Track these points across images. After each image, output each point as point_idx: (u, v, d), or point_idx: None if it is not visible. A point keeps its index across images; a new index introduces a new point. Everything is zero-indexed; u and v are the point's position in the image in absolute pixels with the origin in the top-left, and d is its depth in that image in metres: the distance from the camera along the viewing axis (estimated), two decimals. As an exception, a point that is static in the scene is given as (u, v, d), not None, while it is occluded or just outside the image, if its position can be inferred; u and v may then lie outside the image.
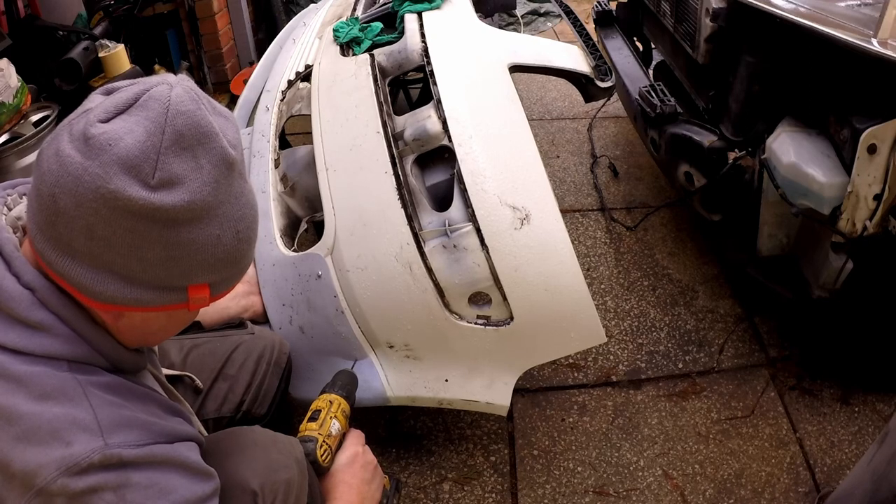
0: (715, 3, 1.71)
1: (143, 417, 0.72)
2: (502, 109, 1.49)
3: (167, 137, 0.62)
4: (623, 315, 2.03)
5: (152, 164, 0.62)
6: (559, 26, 4.24)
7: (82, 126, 0.63)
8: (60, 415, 0.66)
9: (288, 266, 1.41)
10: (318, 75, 1.74)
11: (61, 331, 0.69)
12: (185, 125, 0.63)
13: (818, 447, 1.63)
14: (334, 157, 1.46)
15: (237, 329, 1.27)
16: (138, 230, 0.63)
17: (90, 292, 0.67)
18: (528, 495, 1.54)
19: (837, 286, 1.54)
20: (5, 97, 2.19)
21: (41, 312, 0.68)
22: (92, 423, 0.67)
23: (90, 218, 0.62)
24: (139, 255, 0.64)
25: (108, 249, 0.64)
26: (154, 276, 0.67)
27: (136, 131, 0.62)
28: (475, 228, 1.30)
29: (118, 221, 0.62)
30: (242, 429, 0.98)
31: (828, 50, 1.40)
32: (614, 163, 2.77)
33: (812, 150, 1.50)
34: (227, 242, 0.69)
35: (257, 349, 1.22)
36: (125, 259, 0.65)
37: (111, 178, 0.61)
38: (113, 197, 0.61)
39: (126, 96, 0.64)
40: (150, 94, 0.64)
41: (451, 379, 1.37)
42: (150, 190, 0.62)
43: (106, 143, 0.61)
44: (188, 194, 0.64)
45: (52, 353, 0.69)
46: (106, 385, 0.71)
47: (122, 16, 3.08)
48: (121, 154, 0.61)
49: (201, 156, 0.65)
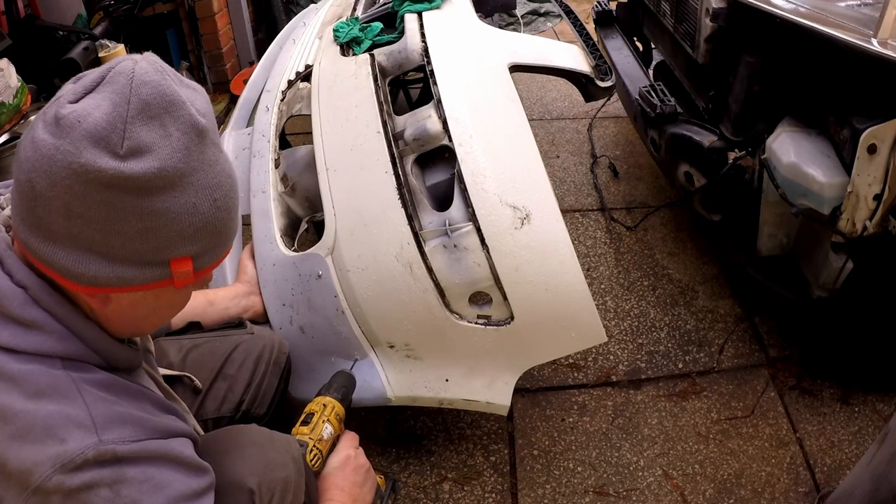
0: (715, 3, 1.71)
1: (136, 414, 0.72)
2: (502, 109, 1.49)
3: (133, 107, 0.63)
4: (623, 315, 2.03)
5: (120, 133, 0.62)
6: (559, 26, 4.24)
7: (53, 110, 0.63)
8: (54, 412, 0.66)
9: (288, 266, 1.41)
10: (319, 75, 1.74)
11: (54, 328, 0.69)
12: (150, 94, 0.64)
13: (818, 447, 1.63)
14: (334, 157, 1.46)
15: (237, 329, 1.27)
16: (112, 202, 0.63)
17: (73, 275, 0.67)
18: (528, 495, 1.54)
19: (837, 286, 1.54)
20: (5, 97, 2.19)
21: (34, 310, 0.69)
22: (86, 420, 0.67)
23: (65, 196, 0.62)
24: (116, 228, 0.64)
25: (86, 227, 0.64)
26: (133, 251, 0.66)
27: (102, 105, 0.63)
28: (475, 228, 1.30)
29: (92, 195, 0.63)
30: (239, 427, 0.98)
31: (828, 50, 1.40)
32: (614, 163, 2.77)
33: (812, 150, 1.50)
34: (205, 211, 0.68)
35: (257, 349, 1.22)
36: (103, 235, 0.65)
37: (81, 152, 0.61)
38: (84, 170, 0.61)
39: (93, 76, 0.65)
40: (115, 70, 0.65)
41: (451, 379, 1.37)
42: (120, 159, 0.62)
43: (75, 121, 0.62)
44: (158, 161, 0.64)
45: (45, 351, 0.69)
46: (100, 382, 0.72)
47: (122, 16, 3.08)
48: (89, 128, 0.61)
49: (169, 124, 0.65)
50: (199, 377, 1.13)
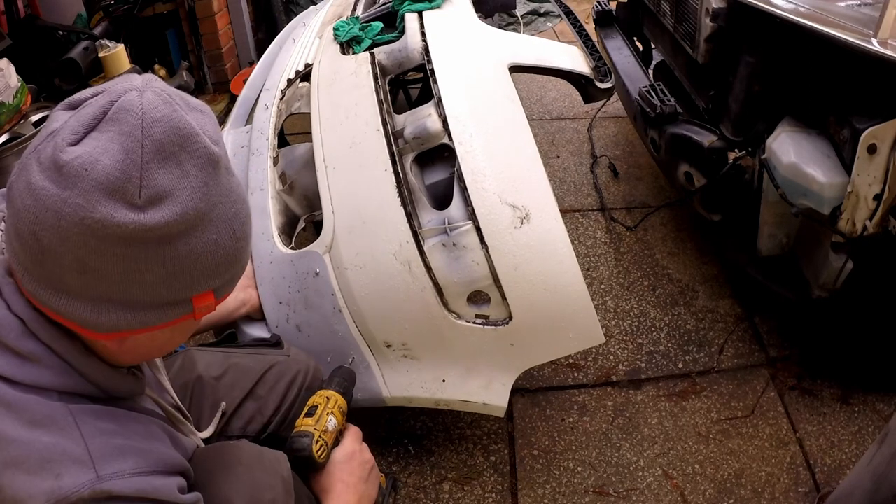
0: (715, 3, 1.71)
1: (137, 445, 0.70)
2: (502, 109, 1.49)
3: (147, 151, 0.57)
4: (623, 315, 2.03)
5: (136, 182, 0.56)
6: (559, 26, 4.24)
7: (51, 152, 0.57)
8: (50, 445, 0.64)
9: (286, 263, 1.41)
10: (318, 73, 1.73)
11: (52, 362, 0.67)
12: (163, 133, 0.58)
13: (818, 447, 1.63)
14: (334, 155, 1.46)
15: (273, 348, 1.24)
16: (132, 255, 0.59)
17: (92, 325, 0.63)
18: (528, 495, 1.53)
19: (837, 286, 1.54)
20: (5, 97, 2.19)
21: (31, 343, 0.66)
22: (83, 455, 0.65)
23: (78, 251, 0.58)
24: (138, 278, 0.61)
25: (103, 281, 0.60)
26: (156, 296, 0.63)
27: (111, 150, 0.56)
28: (475, 227, 1.29)
29: (110, 250, 0.58)
30: (229, 445, 0.95)
31: (828, 50, 1.40)
32: (614, 163, 2.77)
33: (812, 150, 1.50)
34: (225, 244, 0.65)
35: (291, 372, 1.19)
36: (123, 286, 0.61)
37: (94, 205, 0.56)
38: (100, 226, 0.56)
39: (93, 111, 0.58)
40: (119, 105, 0.58)
41: (448, 379, 1.36)
42: (139, 210, 0.57)
43: (81, 169, 0.55)
44: (180, 206, 0.59)
45: (42, 384, 0.66)
46: (98, 412, 0.69)
47: (122, 16, 3.08)
48: (100, 178, 0.56)
49: (185, 161, 0.60)
50: (229, 395, 1.11)
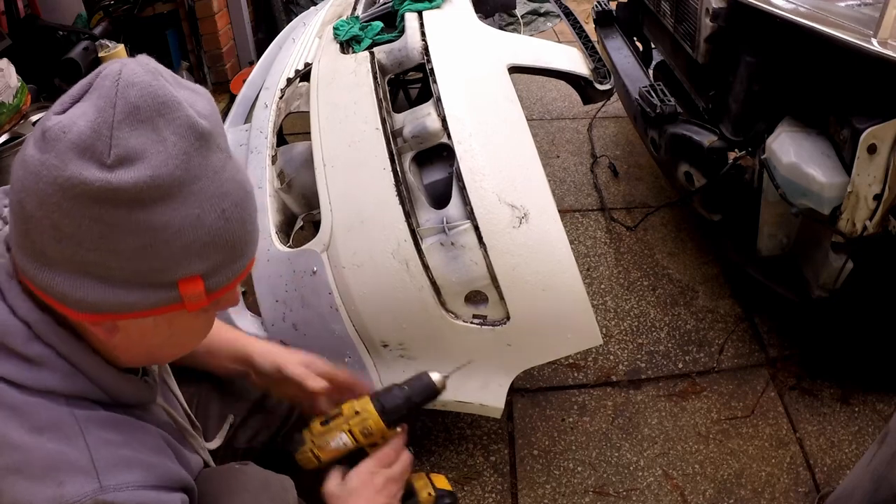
0: (715, 3, 1.71)
1: (143, 457, 0.69)
2: (501, 109, 1.49)
3: (119, 111, 0.57)
4: (623, 315, 2.02)
5: (106, 141, 0.56)
6: (559, 26, 4.24)
7: (41, 124, 0.59)
8: (54, 452, 0.63)
9: (283, 262, 1.40)
10: (318, 72, 1.73)
11: (58, 365, 0.66)
12: (138, 96, 0.57)
13: (818, 447, 1.63)
14: (332, 153, 1.46)
15: None
16: (103, 218, 0.57)
17: (72, 301, 0.61)
18: (528, 495, 1.53)
19: (837, 286, 1.54)
20: (5, 97, 2.19)
21: (37, 346, 0.65)
22: (87, 465, 0.64)
23: (54, 215, 0.57)
24: (111, 247, 0.58)
25: (79, 248, 0.58)
26: (134, 272, 0.60)
27: (88, 113, 0.57)
28: (473, 226, 1.29)
29: (81, 211, 0.57)
30: (234, 469, 0.92)
31: (828, 50, 1.40)
32: (614, 163, 2.77)
33: (812, 150, 1.50)
34: (211, 223, 0.61)
35: None
36: (99, 255, 0.59)
37: (66, 164, 0.56)
38: (70, 184, 0.56)
39: (80, 85, 0.60)
40: (101, 75, 0.59)
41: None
42: (107, 170, 0.56)
43: (60, 132, 0.56)
44: (150, 169, 0.57)
45: (48, 388, 0.66)
46: (105, 421, 0.68)
47: (122, 16, 3.08)
48: (74, 138, 0.56)
49: (163, 127, 0.58)
50: (236, 406, 1.10)
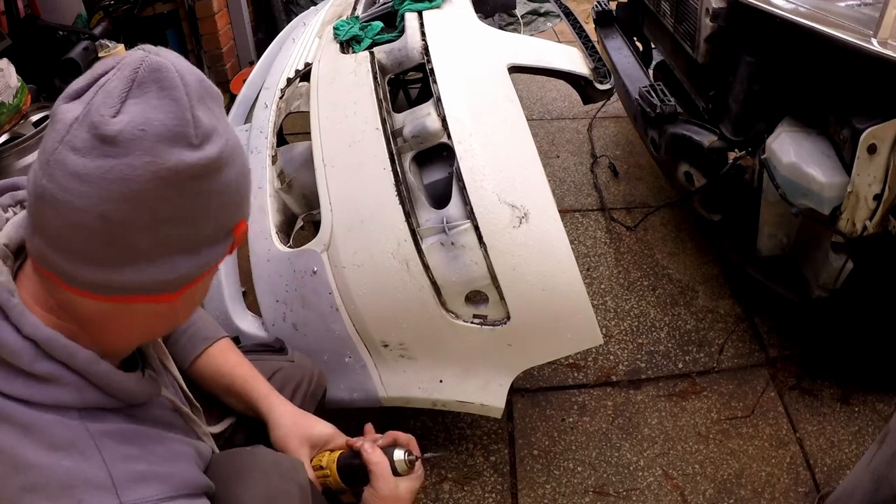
0: (715, 3, 1.71)
1: (160, 469, 0.70)
2: (501, 108, 1.49)
3: (190, 97, 0.62)
4: (623, 315, 2.03)
5: (190, 124, 0.61)
6: (559, 26, 4.24)
7: (89, 134, 0.58)
8: (72, 469, 0.63)
9: (283, 262, 1.40)
10: (318, 72, 1.73)
11: (70, 379, 0.66)
12: (193, 82, 0.63)
13: (818, 447, 1.63)
14: (332, 153, 1.46)
15: (277, 354, 1.23)
16: (200, 190, 0.63)
17: (165, 285, 0.65)
18: (528, 495, 1.53)
19: (837, 286, 1.54)
20: (5, 97, 2.19)
21: (46, 364, 0.65)
22: (105, 481, 0.64)
23: (152, 206, 0.60)
24: (202, 214, 0.64)
25: (175, 227, 0.63)
26: (213, 229, 0.66)
27: (160, 105, 0.60)
28: (473, 226, 1.29)
29: (180, 192, 0.61)
30: (244, 451, 0.94)
31: (828, 50, 1.40)
32: (614, 163, 2.77)
33: (812, 150, 1.50)
34: (245, 169, 0.70)
35: (295, 378, 1.17)
36: (191, 226, 0.64)
37: (163, 156, 0.59)
38: (174, 173, 0.60)
39: (120, 84, 0.60)
40: (146, 68, 0.61)
41: (445, 379, 1.36)
42: (199, 149, 0.62)
43: (137, 131, 0.58)
44: (223, 139, 0.64)
45: (61, 403, 0.66)
46: (120, 435, 0.69)
47: (122, 16, 3.08)
48: (159, 131, 0.59)
49: (210, 103, 0.65)
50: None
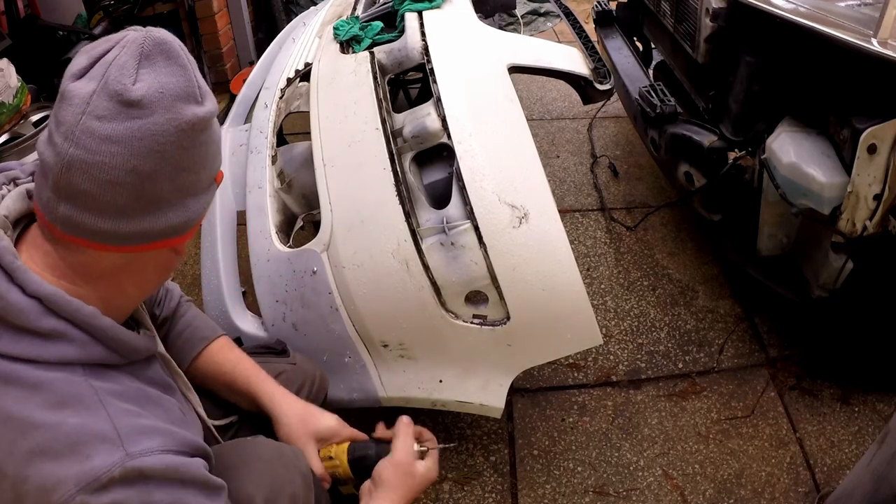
0: (715, 3, 1.71)
1: (161, 426, 0.72)
2: (501, 109, 1.49)
3: (191, 63, 0.73)
4: (623, 315, 2.03)
5: (195, 85, 0.72)
6: (559, 26, 4.24)
7: (113, 102, 0.66)
8: (78, 426, 0.65)
9: (283, 262, 1.41)
10: (318, 72, 1.73)
11: (75, 335, 0.69)
12: (186, 50, 0.73)
13: (818, 447, 1.63)
14: (332, 153, 1.46)
15: (279, 356, 1.24)
16: (205, 139, 0.73)
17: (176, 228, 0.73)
18: (528, 495, 1.53)
19: (837, 286, 1.54)
20: (5, 97, 2.19)
21: (52, 320, 0.68)
22: (111, 433, 0.66)
23: (175, 156, 0.70)
24: (206, 160, 0.74)
25: (190, 174, 0.72)
26: (210, 174, 0.76)
27: (171, 71, 0.70)
28: (473, 226, 1.29)
29: (195, 142, 0.71)
30: (247, 441, 0.96)
31: (828, 50, 1.40)
32: (614, 163, 2.77)
33: (812, 150, 1.50)
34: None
35: (297, 381, 1.18)
36: (199, 172, 0.74)
37: (181, 112, 0.69)
38: (190, 125, 0.70)
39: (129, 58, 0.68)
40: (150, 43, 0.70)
41: (445, 379, 1.36)
42: (202, 104, 0.72)
43: (157, 94, 0.68)
44: (210, 94, 0.75)
45: (67, 359, 0.68)
46: (122, 394, 0.71)
47: (122, 16, 3.09)
48: (176, 92, 0.69)
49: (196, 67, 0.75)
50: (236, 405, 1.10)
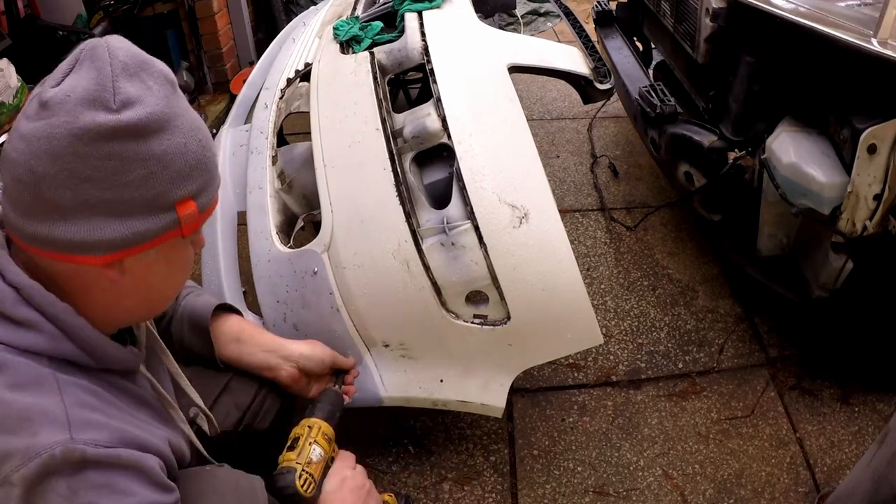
0: (715, 3, 1.71)
1: (116, 425, 0.72)
2: (501, 109, 1.49)
3: (115, 69, 0.67)
4: (623, 315, 2.02)
5: (110, 91, 0.66)
6: (559, 26, 4.24)
7: (35, 103, 0.66)
8: (31, 405, 0.67)
9: (283, 262, 1.41)
10: (318, 73, 1.73)
11: (46, 328, 0.70)
12: (126, 57, 0.69)
13: (818, 447, 1.63)
14: (333, 154, 1.46)
15: None
16: (115, 153, 0.67)
17: (90, 245, 0.68)
18: (528, 495, 1.53)
19: (837, 286, 1.54)
20: (5, 97, 2.19)
21: (25, 309, 0.70)
22: (61, 417, 0.67)
23: (71, 164, 0.65)
24: (123, 180, 0.67)
25: (95, 188, 0.67)
26: (142, 200, 0.69)
27: (87, 75, 0.67)
28: (473, 226, 1.29)
29: (97, 152, 0.66)
30: (204, 472, 0.93)
31: (828, 50, 1.40)
32: (614, 163, 2.77)
33: (812, 150, 1.50)
34: (194, 149, 0.73)
35: None
36: (112, 191, 0.67)
37: (79, 116, 0.65)
38: (86, 131, 0.65)
39: (67, 62, 0.68)
40: (87, 50, 0.68)
41: (446, 379, 1.36)
42: (115, 112, 0.66)
43: (64, 96, 0.65)
44: (147, 108, 0.68)
45: (35, 349, 0.70)
46: (85, 387, 0.72)
47: (122, 16, 3.08)
48: (81, 95, 0.65)
49: (147, 79, 0.70)
50: (205, 391, 1.09)
